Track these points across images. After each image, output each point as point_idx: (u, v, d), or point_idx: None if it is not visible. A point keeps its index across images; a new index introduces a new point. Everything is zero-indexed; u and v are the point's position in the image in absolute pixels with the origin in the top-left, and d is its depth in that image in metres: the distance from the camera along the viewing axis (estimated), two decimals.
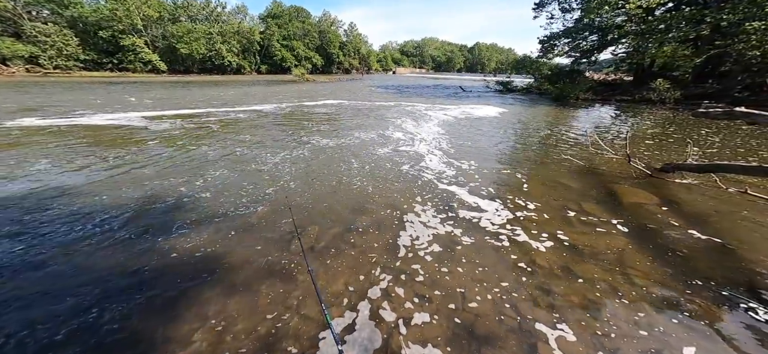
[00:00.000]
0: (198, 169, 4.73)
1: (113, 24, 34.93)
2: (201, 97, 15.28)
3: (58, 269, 2.37)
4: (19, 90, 16.05)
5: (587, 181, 4.61)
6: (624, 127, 9.57)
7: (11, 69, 28.16)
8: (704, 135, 8.09)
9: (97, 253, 2.56)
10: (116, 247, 2.65)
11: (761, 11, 12.44)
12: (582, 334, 1.88)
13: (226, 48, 45.85)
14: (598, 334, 1.88)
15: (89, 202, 3.47)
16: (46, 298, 2.07)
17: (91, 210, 3.29)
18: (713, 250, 2.84)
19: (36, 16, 31.91)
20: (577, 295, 2.22)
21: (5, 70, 27.66)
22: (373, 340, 1.82)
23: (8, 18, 29.18)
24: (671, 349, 1.79)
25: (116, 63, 36.77)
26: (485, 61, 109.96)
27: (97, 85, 20.91)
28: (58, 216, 3.14)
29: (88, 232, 2.87)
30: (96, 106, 10.92)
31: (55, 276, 2.29)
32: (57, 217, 3.11)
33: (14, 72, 28.14)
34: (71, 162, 4.88)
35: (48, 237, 2.78)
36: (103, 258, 2.51)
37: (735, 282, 2.39)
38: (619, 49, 21.27)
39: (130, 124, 8.14)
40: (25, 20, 29.94)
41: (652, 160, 5.68)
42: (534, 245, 2.85)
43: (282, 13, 56.84)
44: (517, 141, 7.65)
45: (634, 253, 2.74)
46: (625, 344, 1.82)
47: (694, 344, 1.83)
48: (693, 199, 3.97)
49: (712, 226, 3.25)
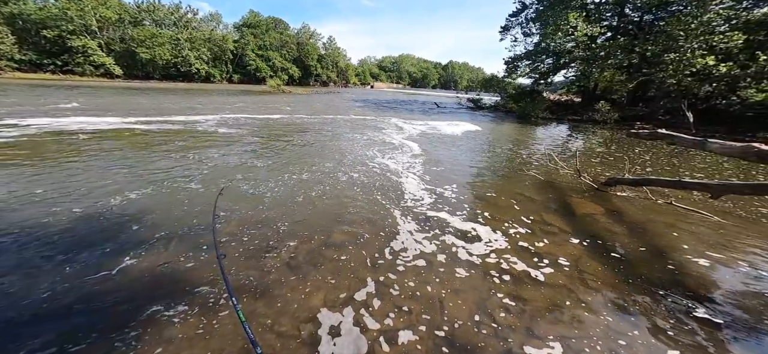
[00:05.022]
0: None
1: (61, 24, 31.72)
2: (152, 106, 14.30)
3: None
4: None
5: (547, 194, 5.15)
6: (575, 144, 10.79)
7: None
8: (638, 153, 9.41)
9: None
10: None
11: (675, 44, 14.96)
12: (549, 334, 2.14)
13: (195, 55, 43.71)
14: (563, 335, 2.14)
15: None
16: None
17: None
18: (648, 254, 3.35)
19: None
20: (544, 299, 2.50)
21: None
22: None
23: None
24: (622, 345, 2.09)
25: (60, 65, 33.22)
26: (458, 79, 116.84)
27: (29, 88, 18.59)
28: None
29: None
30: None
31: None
32: None
33: None
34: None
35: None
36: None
37: (666, 281, 2.84)
38: (570, 72, 24.10)
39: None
40: None
41: (598, 174, 6.49)
42: (501, 252, 3.14)
43: (259, 24, 55.81)
44: (487, 156, 8.28)
45: (588, 260, 3.14)
46: (586, 342, 2.09)
47: (637, 338, 2.16)
48: (630, 209, 4.62)
49: (647, 233, 3.83)
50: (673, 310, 2.46)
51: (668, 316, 2.40)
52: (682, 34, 14.64)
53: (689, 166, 7.92)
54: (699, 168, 7.74)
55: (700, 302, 2.56)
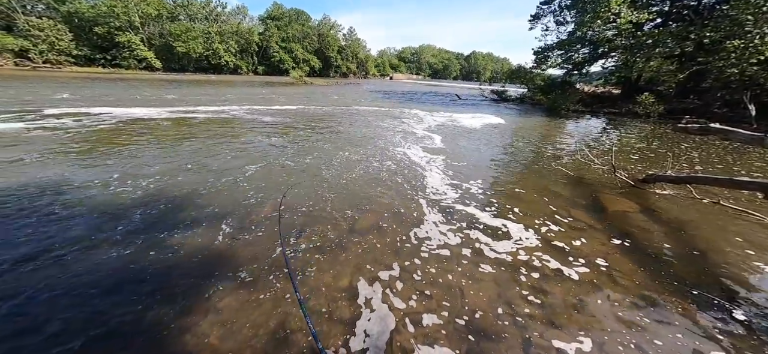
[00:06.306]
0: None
1: (110, 20, 34.58)
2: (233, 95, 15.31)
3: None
4: (57, 83, 15.79)
5: (576, 189, 4.94)
6: (611, 139, 10.07)
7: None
8: (684, 149, 8.60)
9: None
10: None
11: (741, 30, 13.25)
12: (572, 330, 2.13)
13: (224, 48, 45.74)
14: (586, 331, 2.12)
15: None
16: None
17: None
18: (688, 255, 3.15)
19: (31, 10, 31.44)
20: (569, 294, 2.47)
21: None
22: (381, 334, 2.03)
23: (1, 11, 28.68)
24: (651, 344, 2.04)
25: (109, 59, 36.26)
26: (481, 70, 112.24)
27: (96, 81, 20.66)
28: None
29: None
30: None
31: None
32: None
33: (2, 65, 27.53)
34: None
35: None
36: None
37: (707, 285, 2.68)
38: (609, 62, 22.24)
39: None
40: (19, 14, 29.45)
41: (636, 171, 6.07)
42: (528, 248, 3.11)
43: (282, 15, 57.10)
44: (512, 150, 8.01)
45: (619, 257, 3.03)
46: (610, 340, 2.06)
47: (670, 340, 2.09)
48: (671, 208, 4.32)
49: (688, 234, 3.58)
50: (709, 315, 2.33)
51: (704, 319, 2.28)
52: (751, 19, 12.92)
53: (745, 164, 7.12)
54: (757, 167, 6.95)
55: (741, 307, 2.39)
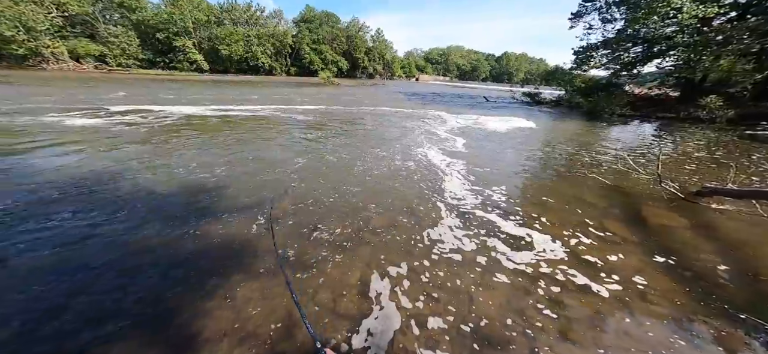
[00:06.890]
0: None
1: (169, 26, 38.91)
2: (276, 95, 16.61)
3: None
4: (123, 84, 18.55)
5: (613, 200, 4.54)
6: (663, 147, 9.01)
7: (82, 66, 32.38)
8: (756, 160, 7.43)
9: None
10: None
11: None
12: (588, 347, 2.00)
13: (261, 50, 48.88)
14: (606, 349, 1.98)
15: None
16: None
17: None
18: (742, 277, 2.77)
19: (108, 19, 36.55)
20: (592, 310, 2.32)
21: (78, 67, 31.86)
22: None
23: (86, 21, 33.73)
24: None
25: (167, 62, 40.75)
26: (513, 71, 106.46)
27: (170, 82, 23.42)
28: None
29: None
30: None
31: None
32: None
33: (85, 68, 32.33)
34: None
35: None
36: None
37: (762, 310, 2.35)
38: (666, 61, 19.82)
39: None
40: (100, 23, 34.40)
41: (689, 183, 5.40)
42: (551, 260, 2.95)
43: (314, 18, 59.60)
44: (542, 156, 7.56)
45: (658, 275, 2.76)
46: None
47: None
48: (728, 225, 3.80)
49: (744, 253, 3.14)
50: (760, 341, 2.04)
51: (754, 346, 2.01)
52: None
53: None
54: None
55: None
